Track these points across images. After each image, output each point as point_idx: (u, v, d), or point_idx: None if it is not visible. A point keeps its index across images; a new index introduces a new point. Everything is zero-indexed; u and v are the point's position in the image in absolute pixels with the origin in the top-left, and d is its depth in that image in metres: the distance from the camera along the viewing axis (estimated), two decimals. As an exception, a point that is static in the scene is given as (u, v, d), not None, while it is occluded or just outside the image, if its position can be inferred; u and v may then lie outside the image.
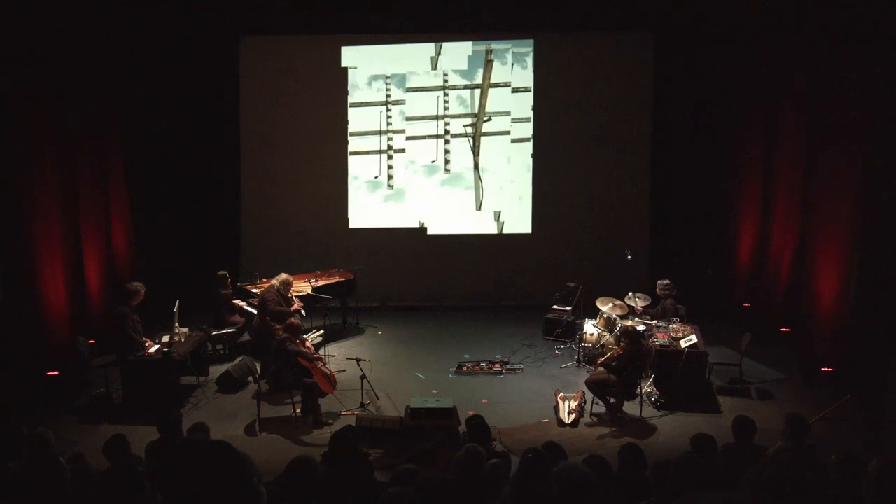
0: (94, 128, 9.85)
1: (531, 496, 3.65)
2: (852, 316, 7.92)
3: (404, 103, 12.21)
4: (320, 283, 10.58)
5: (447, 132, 12.26)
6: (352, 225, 12.41)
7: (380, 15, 11.60)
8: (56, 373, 8.38)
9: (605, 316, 9.53)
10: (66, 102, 9.07)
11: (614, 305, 9.55)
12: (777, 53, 10.01)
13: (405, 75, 12.15)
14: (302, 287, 10.29)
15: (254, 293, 10.02)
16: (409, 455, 6.64)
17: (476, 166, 12.32)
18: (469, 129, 12.26)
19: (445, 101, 12.21)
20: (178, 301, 8.89)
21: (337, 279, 10.90)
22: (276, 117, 12.20)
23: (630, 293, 9.69)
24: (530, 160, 12.26)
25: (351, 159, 12.33)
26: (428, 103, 12.23)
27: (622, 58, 12.00)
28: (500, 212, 12.38)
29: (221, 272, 10.12)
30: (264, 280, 10.49)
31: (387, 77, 12.17)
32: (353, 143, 12.30)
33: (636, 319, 9.44)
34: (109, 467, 4.85)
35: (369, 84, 12.21)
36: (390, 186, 12.34)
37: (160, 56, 11.27)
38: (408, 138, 12.29)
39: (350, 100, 12.21)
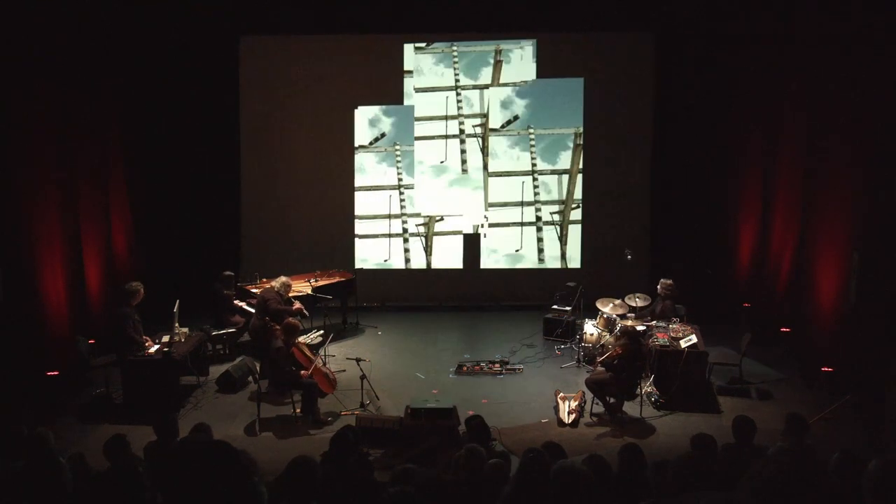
0: (94, 128, 9.84)
1: (531, 496, 3.65)
2: (852, 316, 7.92)
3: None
4: (320, 283, 10.58)
5: (462, 131, 12.26)
6: (352, 224, 12.41)
7: (380, 15, 11.60)
8: (56, 373, 8.37)
9: (605, 316, 9.53)
10: (66, 102, 9.07)
11: (614, 305, 9.55)
12: (777, 53, 10.01)
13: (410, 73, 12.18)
14: (302, 287, 10.29)
15: (254, 293, 10.02)
16: (409, 455, 6.63)
17: (485, 167, 12.30)
18: (478, 130, 12.25)
19: (459, 102, 12.20)
20: (178, 301, 8.90)
21: (337, 279, 10.90)
22: (276, 117, 12.19)
23: (630, 293, 9.70)
24: (531, 159, 12.27)
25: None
26: (437, 104, 12.22)
27: (622, 58, 12.00)
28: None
29: (227, 273, 10.16)
30: (264, 280, 10.49)
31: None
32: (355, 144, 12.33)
33: (636, 319, 9.44)
34: (109, 467, 4.84)
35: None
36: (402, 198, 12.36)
37: (160, 56, 11.27)
38: (416, 138, 12.28)
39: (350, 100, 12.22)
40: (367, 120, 12.24)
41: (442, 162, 12.30)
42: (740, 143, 11.14)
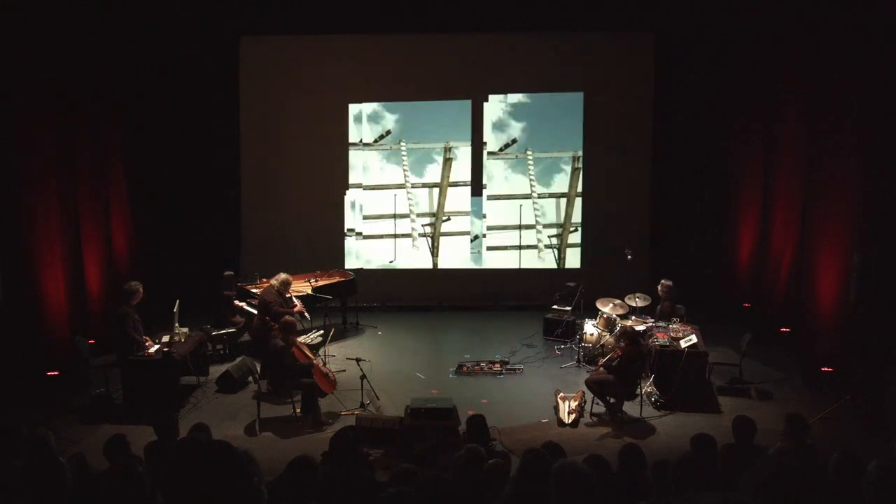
0: (95, 128, 9.84)
1: (531, 496, 3.65)
2: (852, 316, 7.91)
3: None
4: (320, 283, 10.58)
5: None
6: (351, 225, 12.40)
7: (379, 15, 11.59)
8: (56, 373, 8.37)
9: (605, 316, 9.53)
10: (66, 103, 9.07)
11: (614, 305, 9.55)
12: (777, 52, 10.01)
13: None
14: (302, 287, 10.29)
15: (254, 293, 10.02)
16: (409, 455, 6.63)
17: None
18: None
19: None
20: (178, 301, 8.90)
21: (337, 279, 10.90)
22: (276, 117, 12.19)
23: (630, 293, 9.70)
24: (530, 166, 12.28)
25: (350, 161, 12.34)
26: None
27: (622, 58, 11.99)
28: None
29: (228, 272, 10.16)
30: (264, 280, 10.48)
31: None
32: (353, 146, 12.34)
33: (635, 319, 9.44)
34: (109, 467, 4.84)
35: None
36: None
37: (160, 56, 11.27)
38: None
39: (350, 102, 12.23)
40: (366, 117, 12.24)
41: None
42: (740, 143, 11.14)
